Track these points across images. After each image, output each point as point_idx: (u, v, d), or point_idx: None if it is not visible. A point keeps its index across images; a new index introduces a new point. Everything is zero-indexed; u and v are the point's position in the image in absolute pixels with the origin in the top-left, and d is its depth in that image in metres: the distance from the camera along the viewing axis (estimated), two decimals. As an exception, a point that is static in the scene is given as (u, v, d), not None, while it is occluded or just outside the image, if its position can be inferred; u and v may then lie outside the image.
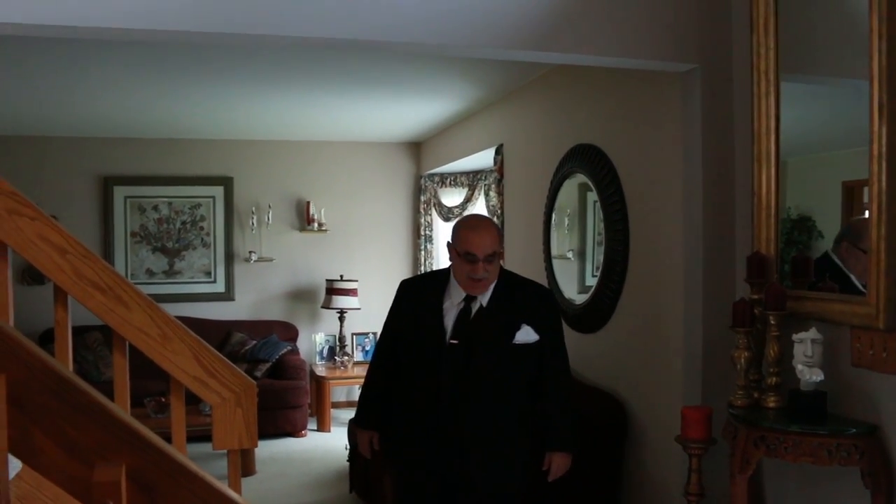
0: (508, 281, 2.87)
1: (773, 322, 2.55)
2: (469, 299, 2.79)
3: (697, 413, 2.79)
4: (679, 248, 3.25)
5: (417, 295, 2.92)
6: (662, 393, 3.39)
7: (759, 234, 2.79)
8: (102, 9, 2.46)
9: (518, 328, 2.75)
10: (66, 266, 2.39)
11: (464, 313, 2.78)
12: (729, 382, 2.80)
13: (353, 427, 3.05)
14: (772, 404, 2.53)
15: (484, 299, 2.79)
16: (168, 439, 2.52)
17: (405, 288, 3.01)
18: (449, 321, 2.78)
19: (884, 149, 2.27)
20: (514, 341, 2.75)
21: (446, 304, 2.80)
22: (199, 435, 4.61)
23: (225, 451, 2.70)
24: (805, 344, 2.42)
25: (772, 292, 2.55)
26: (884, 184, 2.27)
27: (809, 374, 2.40)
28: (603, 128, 3.95)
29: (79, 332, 6.09)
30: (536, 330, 2.77)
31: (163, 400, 5.62)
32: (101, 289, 2.41)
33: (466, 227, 2.76)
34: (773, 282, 2.62)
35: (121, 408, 2.45)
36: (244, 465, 5.08)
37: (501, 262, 2.87)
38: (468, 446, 2.73)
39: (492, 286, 2.79)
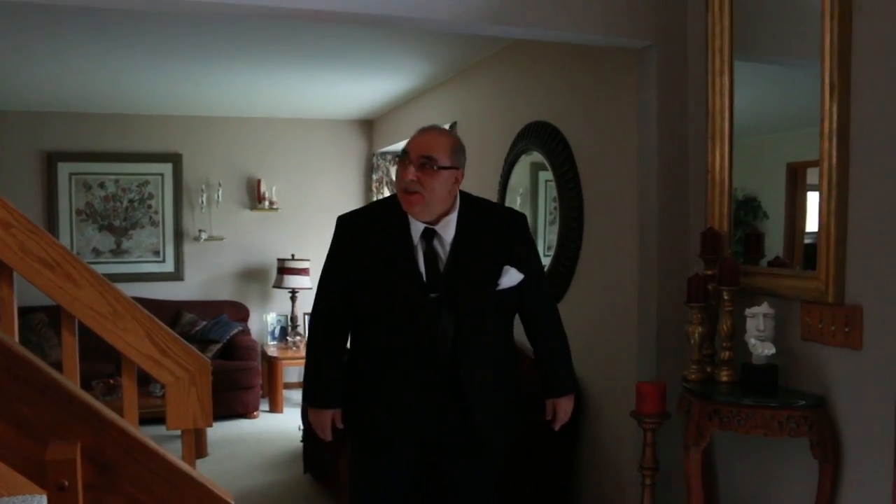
0: (472, 207, 2.46)
1: (726, 297, 2.60)
2: (429, 235, 2.37)
3: (651, 388, 2.83)
4: (634, 225, 3.28)
5: (369, 230, 2.45)
6: (617, 368, 3.44)
7: (713, 210, 2.83)
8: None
9: (501, 272, 2.38)
10: (10, 241, 2.32)
11: (429, 255, 2.38)
12: (682, 357, 2.85)
13: (308, 407, 2.56)
14: (725, 378, 2.57)
15: (446, 233, 2.38)
16: (120, 419, 2.48)
17: (349, 225, 2.50)
18: (420, 265, 2.36)
19: (834, 126, 2.32)
20: (498, 288, 2.39)
21: (414, 245, 2.37)
22: (150, 417, 4.53)
23: (178, 431, 2.66)
24: (757, 318, 2.47)
25: (726, 268, 2.59)
26: (834, 161, 2.32)
27: (761, 348, 2.45)
28: (558, 105, 3.96)
29: (22, 312, 5.88)
30: (519, 267, 2.41)
31: (111, 382, 5.51)
32: (49, 265, 2.34)
33: (417, 131, 2.42)
34: (727, 257, 2.66)
35: (75, 385, 2.40)
36: (196, 446, 5.01)
37: (455, 185, 2.41)
38: (469, 407, 2.38)
39: (448, 216, 2.38)
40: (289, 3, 2.62)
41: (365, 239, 2.44)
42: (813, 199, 2.46)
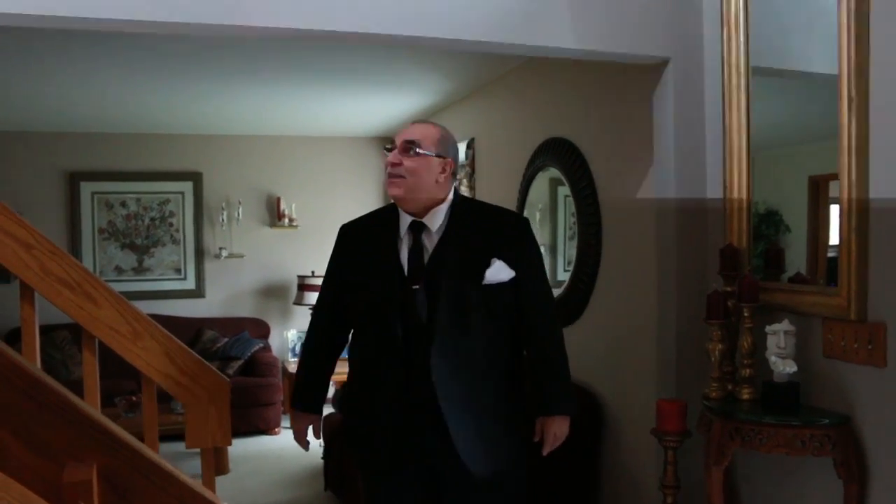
0: (470, 207, 2.47)
1: (746, 314, 2.57)
2: (417, 229, 2.34)
3: (672, 405, 2.81)
4: (652, 241, 3.26)
5: (364, 234, 2.47)
6: (637, 386, 3.41)
7: (732, 226, 2.81)
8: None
9: (487, 264, 2.30)
10: (32, 262, 2.35)
11: (415, 248, 2.34)
12: (703, 374, 2.82)
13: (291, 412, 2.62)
14: (746, 396, 2.54)
15: (433, 223, 2.34)
16: (140, 439, 2.50)
17: (347, 232, 2.51)
18: (403, 259, 2.34)
19: (853, 141, 2.29)
20: (483, 281, 2.30)
21: (399, 240, 2.37)
22: (172, 434, 4.57)
23: (198, 449, 2.67)
24: (778, 335, 2.44)
25: (745, 284, 2.56)
26: (853, 176, 2.30)
27: (783, 366, 2.42)
28: (574, 121, 3.96)
29: (46, 330, 5.98)
30: (511, 265, 2.33)
31: (134, 399, 5.53)
32: (69, 285, 2.37)
33: None
34: (746, 274, 2.64)
35: (91, 407, 2.42)
36: (217, 463, 5.02)
37: (443, 175, 2.35)
38: (443, 418, 2.24)
39: (436, 208, 2.34)
40: (308, 25, 2.64)
41: (358, 243, 2.47)
42: (836, 212, 2.43)
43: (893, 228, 2.21)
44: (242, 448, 5.88)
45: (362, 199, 7.56)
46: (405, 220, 2.36)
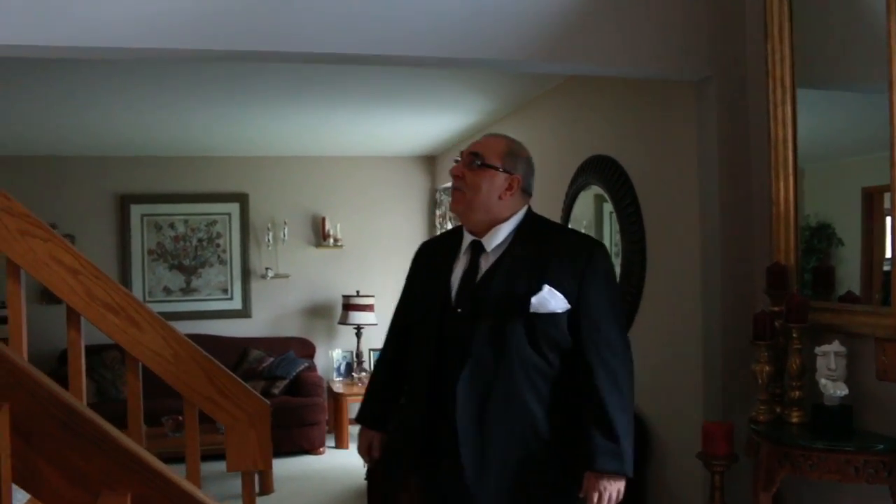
0: (539, 228, 2.25)
1: (795, 335, 2.50)
2: (476, 249, 2.20)
3: (719, 428, 2.73)
4: (697, 259, 3.19)
5: (433, 253, 2.37)
6: (682, 407, 3.33)
7: (779, 244, 2.74)
8: (111, 29, 2.46)
9: (537, 289, 2.08)
10: (78, 287, 2.40)
11: (470, 269, 2.18)
12: (750, 396, 2.74)
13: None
14: (795, 419, 2.47)
15: (490, 243, 2.18)
16: (185, 458, 2.52)
17: (422, 250, 2.45)
18: (455, 280, 2.19)
19: (905, 155, 2.22)
20: (532, 310, 2.06)
21: (457, 260, 2.24)
22: (217, 453, 4.57)
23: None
24: (828, 357, 2.36)
25: (794, 304, 2.49)
26: (906, 190, 2.23)
27: (833, 388, 2.34)
28: (617, 138, 3.91)
29: (97, 350, 6.10)
30: (568, 294, 2.08)
31: (180, 419, 5.61)
32: (113, 310, 2.41)
33: None
34: (794, 293, 2.56)
35: (134, 429, 2.45)
36: (262, 483, 5.05)
37: (508, 192, 2.20)
38: (463, 460, 2.08)
39: (497, 226, 2.19)
40: (340, 48, 2.67)
41: (425, 262, 2.39)
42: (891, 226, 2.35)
43: (948, 246, 2.13)
44: (286, 468, 5.90)
45: (407, 219, 7.59)
46: (467, 239, 2.23)
